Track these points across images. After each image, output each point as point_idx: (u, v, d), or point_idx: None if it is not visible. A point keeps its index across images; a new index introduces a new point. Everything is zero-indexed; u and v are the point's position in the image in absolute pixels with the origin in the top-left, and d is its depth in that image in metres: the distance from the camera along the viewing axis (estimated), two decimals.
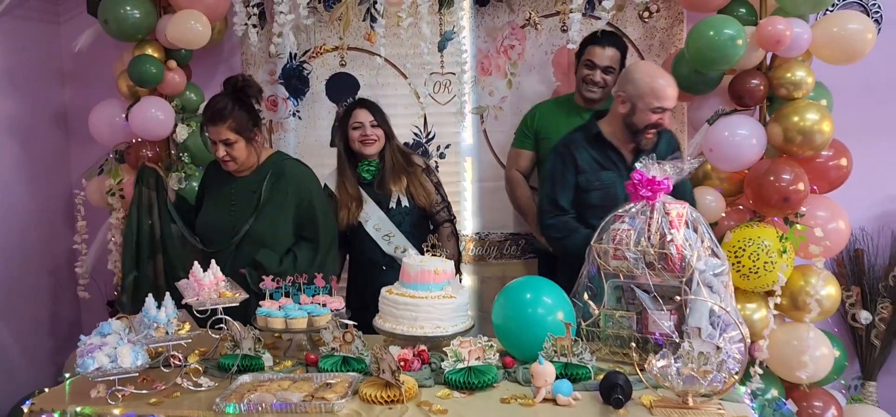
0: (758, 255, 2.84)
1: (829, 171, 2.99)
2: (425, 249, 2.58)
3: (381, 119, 3.11)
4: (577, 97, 3.26)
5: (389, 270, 3.04)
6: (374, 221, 3.09)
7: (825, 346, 2.91)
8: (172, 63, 3.41)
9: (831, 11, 3.18)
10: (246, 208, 2.85)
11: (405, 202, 3.12)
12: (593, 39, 3.16)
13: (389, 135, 3.13)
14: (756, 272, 2.85)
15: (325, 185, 3.15)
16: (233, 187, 2.89)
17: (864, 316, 3.25)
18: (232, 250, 2.83)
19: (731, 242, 2.92)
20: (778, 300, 2.91)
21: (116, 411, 1.98)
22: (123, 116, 3.42)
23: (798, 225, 2.90)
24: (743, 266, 2.86)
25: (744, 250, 2.87)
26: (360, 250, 3.13)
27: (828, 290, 2.94)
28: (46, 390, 2.18)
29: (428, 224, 3.21)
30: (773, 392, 2.90)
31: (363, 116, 3.08)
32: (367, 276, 3.09)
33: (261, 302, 2.46)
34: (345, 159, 3.13)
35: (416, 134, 3.77)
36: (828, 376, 3.01)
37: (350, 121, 3.10)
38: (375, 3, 3.44)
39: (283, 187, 2.86)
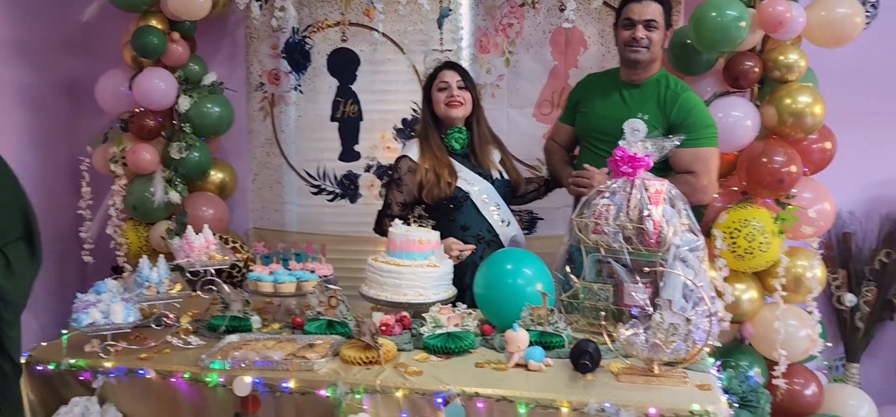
0: (753, 236, 2.87)
1: (814, 153, 3.01)
2: (411, 219, 2.64)
3: (469, 81, 2.90)
4: (621, 72, 2.98)
5: (494, 244, 2.85)
6: (482, 191, 2.86)
7: (813, 326, 2.95)
8: (176, 35, 3.48)
9: None
10: None
11: (505, 175, 2.96)
12: None
13: (476, 101, 2.92)
14: (751, 253, 2.88)
15: (406, 156, 2.91)
16: None
17: (850, 299, 3.28)
18: None
19: (725, 223, 2.95)
20: (783, 280, 2.94)
21: (108, 364, 2.09)
22: (128, 85, 3.50)
23: (791, 206, 2.93)
24: (738, 247, 2.89)
25: (739, 231, 2.89)
26: (462, 224, 2.85)
27: (815, 271, 2.98)
28: (43, 344, 2.28)
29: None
30: (756, 370, 2.94)
31: (449, 76, 2.86)
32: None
33: (252, 266, 2.55)
34: (431, 126, 2.89)
35: (414, 110, 3.82)
36: (809, 355, 3.06)
37: (435, 82, 2.88)
38: None
39: None
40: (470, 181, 2.85)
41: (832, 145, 3.00)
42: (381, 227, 2.90)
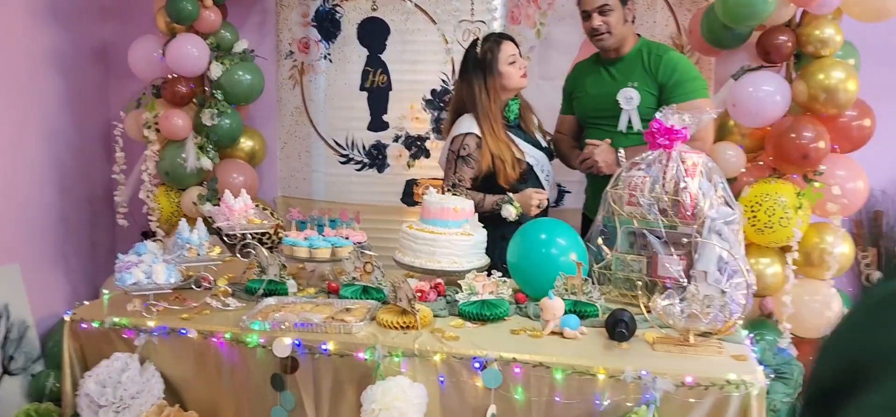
0: (773, 210, 2.88)
1: (852, 131, 2.99)
2: (445, 188, 2.66)
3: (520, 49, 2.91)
4: (602, 52, 3.03)
5: (541, 213, 2.78)
6: (539, 163, 2.88)
7: (835, 303, 2.95)
8: (208, 1, 3.50)
9: None
10: None
11: (545, 142, 3.00)
12: None
13: None
14: (771, 227, 2.89)
15: (472, 133, 2.78)
16: None
17: (878, 277, 3.28)
18: None
19: (748, 196, 2.95)
20: (795, 255, 2.94)
21: (151, 323, 2.13)
22: (161, 52, 3.53)
23: (816, 183, 2.92)
24: (758, 220, 2.90)
25: (760, 204, 2.90)
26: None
27: (842, 248, 2.97)
28: (86, 303, 2.33)
29: None
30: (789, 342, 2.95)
31: (513, 48, 2.83)
32: (514, 225, 2.61)
33: (287, 233, 2.59)
34: (493, 102, 2.79)
35: (444, 80, 3.82)
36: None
37: (505, 57, 2.79)
38: None
39: None
40: (528, 153, 2.88)
41: (871, 123, 2.97)
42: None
